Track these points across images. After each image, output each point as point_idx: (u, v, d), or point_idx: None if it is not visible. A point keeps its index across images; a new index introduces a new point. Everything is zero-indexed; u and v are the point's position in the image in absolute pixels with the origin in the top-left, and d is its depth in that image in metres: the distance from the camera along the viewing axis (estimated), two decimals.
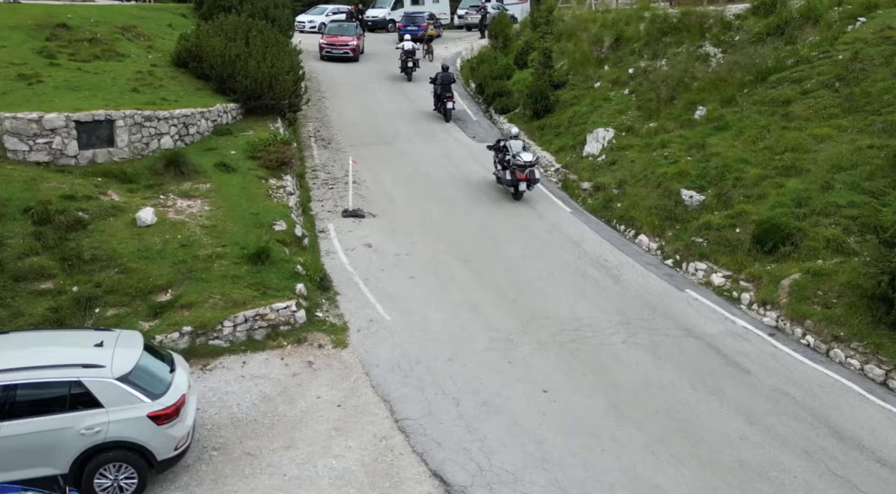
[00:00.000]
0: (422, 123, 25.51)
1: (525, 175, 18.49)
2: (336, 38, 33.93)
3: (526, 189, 18.73)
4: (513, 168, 18.56)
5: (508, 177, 18.61)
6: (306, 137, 23.25)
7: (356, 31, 34.88)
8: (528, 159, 18.55)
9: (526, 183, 18.55)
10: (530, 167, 18.54)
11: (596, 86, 23.78)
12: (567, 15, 29.77)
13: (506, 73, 28.32)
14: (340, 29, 35.29)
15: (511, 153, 18.71)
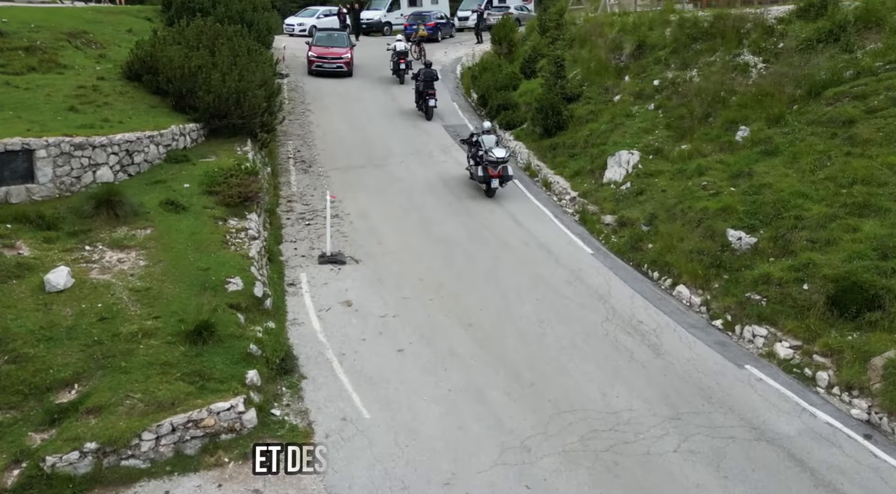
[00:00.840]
0: (417, 140, 22.47)
1: (498, 171, 17.58)
2: (327, 49, 29.51)
3: (499, 186, 17.86)
4: (485, 164, 17.66)
5: (480, 173, 17.78)
6: (284, 159, 20.20)
7: (349, 40, 30.93)
8: (500, 155, 17.56)
9: (499, 180, 17.70)
10: (503, 163, 17.59)
11: (615, 100, 20.74)
12: (579, 18, 26.73)
13: (511, 83, 25.29)
14: (331, 39, 30.69)
15: (483, 148, 17.78)
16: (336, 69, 28.94)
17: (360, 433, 9.52)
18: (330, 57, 28.93)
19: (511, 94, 24.61)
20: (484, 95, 25.38)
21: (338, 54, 29.14)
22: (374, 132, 23.02)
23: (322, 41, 30.41)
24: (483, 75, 26.54)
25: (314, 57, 29.03)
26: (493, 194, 18.01)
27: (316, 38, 30.87)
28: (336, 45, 29.81)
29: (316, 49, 29.50)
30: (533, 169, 20.34)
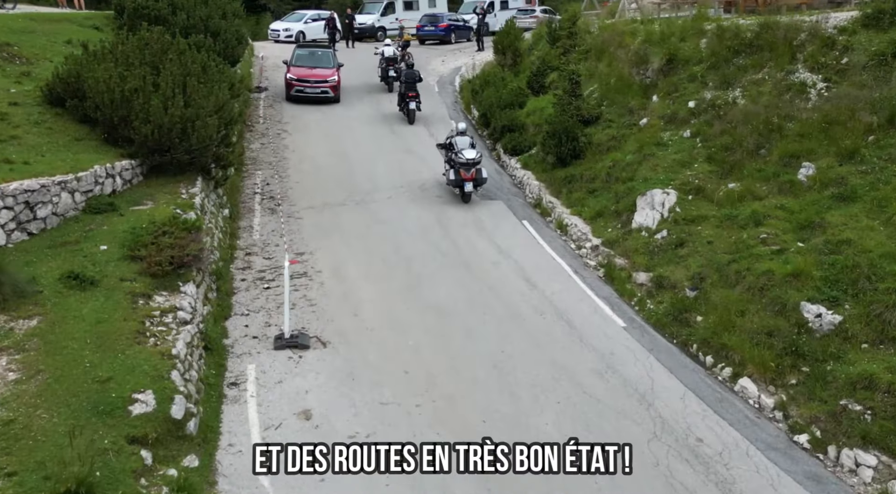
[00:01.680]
0: (408, 168, 19.20)
1: (471, 174, 16.53)
2: (309, 71, 24.65)
3: (472, 190, 16.78)
4: (457, 167, 16.59)
5: (453, 176, 16.72)
6: (249, 195, 16.91)
7: (335, 59, 25.62)
8: (471, 156, 16.51)
9: (472, 183, 16.61)
10: (475, 165, 16.56)
11: (642, 124, 17.45)
12: (594, 25, 23.46)
13: (517, 100, 22.02)
14: (314, 58, 25.40)
15: (456, 150, 16.80)
16: (320, 95, 24.30)
17: None
18: (313, 80, 24.18)
19: (517, 114, 21.34)
20: (486, 114, 22.10)
21: (322, 76, 24.39)
22: (359, 158, 19.74)
23: (303, 60, 25.24)
24: (485, 90, 23.26)
25: (293, 79, 24.27)
26: (468, 199, 16.83)
27: (295, 57, 25.36)
28: (320, 65, 24.96)
29: (296, 70, 24.61)
30: (545, 206, 17.05)
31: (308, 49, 26.32)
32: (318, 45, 27.52)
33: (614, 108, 18.76)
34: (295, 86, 24.21)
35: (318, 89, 24.20)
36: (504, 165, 20.16)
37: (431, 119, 23.09)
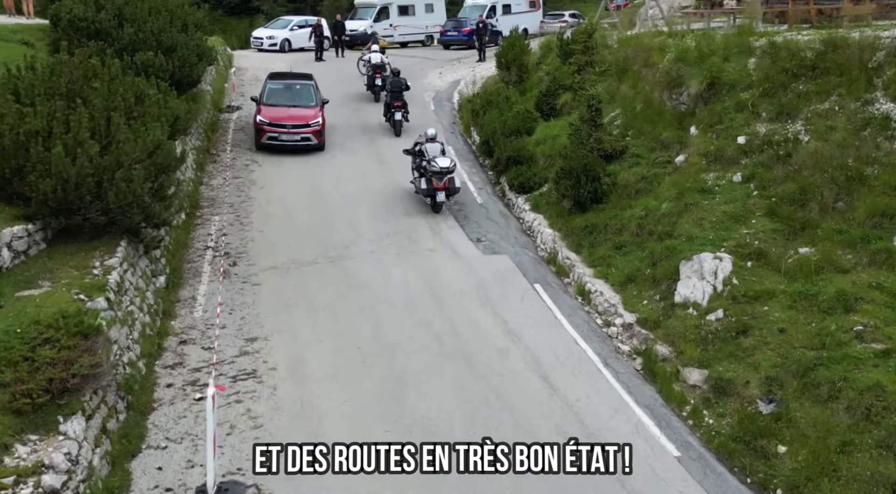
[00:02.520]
0: (397, 211, 16.02)
1: (443, 184, 15.51)
2: (286, 112, 19.15)
3: (444, 199, 15.74)
4: (429, 175, 15.52)
5: (424, 185, 15.67)
6: (198, 252, 13.71)
7: (318, 95, 20.19)
8: (444, 165, 15.47)
9: (444, 192, 15.61)
10: (448, 174, 15.48)
11: (678, 162, 14.27)
12: (612, 37, 20.28)
13: (524, 125, 18.82)
14: (291, 94, 20.02)
15: (427, 157, 15.71)
16: (299, 143, 18.97)
17: None
18: (290, 124, 18.93)
19: (524, 142, 18.15)
20: (488, 142, 18.90)
21: (302, 118, 19.08)
22: (339, 197, 16.57)
23: (277, 97, 19.71)
24: (487, 112, 20.06)
25: (265, 123, 18.95)
26: (439, 209, 15.76)
27: (267, 93, 19.77)
28: (300, 103, 19.63)
29: (268, 111, 19.09)
30: (561, 263, 13.86)
31: (283, 82, 20.83)
32: (296, 76, 21.76)
33: (642, 141, 15.58)
34: (267, 133, 18.93)
35: (297, 136, 18.98)
36: (510, 205, 16.97)
37: None
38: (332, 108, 22.07)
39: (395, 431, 9.02)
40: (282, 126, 18.92)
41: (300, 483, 7.88)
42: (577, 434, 9.04)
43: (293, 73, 22.46)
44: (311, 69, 29.47)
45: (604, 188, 14.54)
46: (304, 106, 19.61)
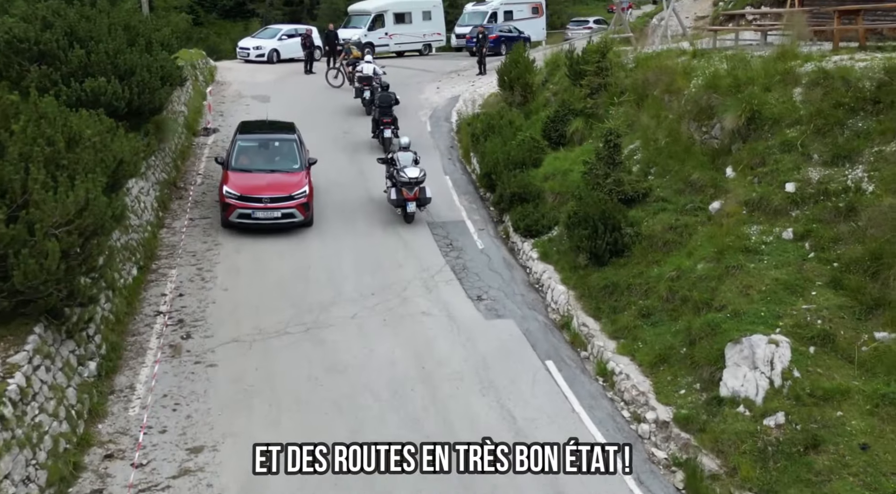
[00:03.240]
0: (385, 261, 13.85)
1: (413, 194, 15.10)
2: (261, 180, 14.67)
3: (416, 209, 15.35)
4: (399, 185, 15.04)
5: (394, 195, 15.22)
6: (146, 319, 11.51)
7: (302, 155, 15.67)
8: (413, 175, 15.06)
9: (415, 202, 15.20)
10: (418, 184, 15.06)
11: (713, 210, 12.08)
12: (627, 56, 18.11)
13: (530, 155, 16.64)
14: (268, 153, 15.62)
15: (398, 167, 15.27)
16: (280, 222, 14.47)
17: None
18: (266, 197, 14.24)
19: (531, 176, 15.97)
20: (490, 174, 16.71)
21: (283, 188, 14.45)
22: (319, 245, 14.40)
23: (250, 159, 15.24)
24: (489, 139, 17.89)
25: (234, 196, 14.28)
26: (410, 219, 15.32)
27: (237, 153, 15.23)
28: (280, 167, 15.16)
29: (238, 179, 14.54)
30: (576, 331, 11.67)
31: (257, 137, 15.96)
32: (274, 128, 16.85)
33: (668, 181, 13.40)
34: (236, 209, 14.19)
35: (277, 212, 14.32)
36: (515, 250, 14.80)
37: None
38: (319, 127, 19.96)
39: None
40: (256, 199, 14.28)
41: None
42: None
43: (270, 123, 17.62)
44: (300, 83, 27.51)
45: (625, 241, 12.36)
46: (286, 170, 15.13)
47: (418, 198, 15.09)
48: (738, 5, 24.03)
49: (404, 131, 20.81)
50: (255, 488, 8.09)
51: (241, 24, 55.62)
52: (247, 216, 14.36)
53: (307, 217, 14.72)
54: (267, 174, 14.93)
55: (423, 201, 15.22)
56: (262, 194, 14.36)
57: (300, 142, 16.16)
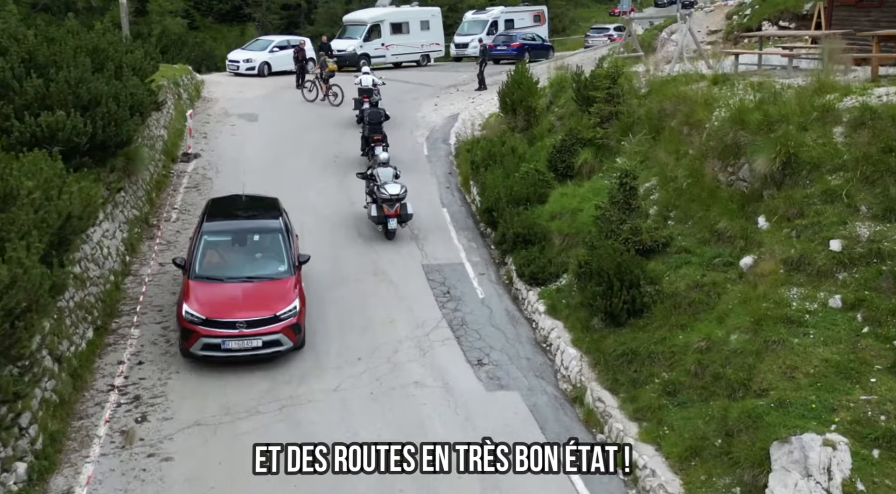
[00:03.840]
0: (375, 317, 12.35)
1: (394, 210, 14.54)
2: (234, 293, 11.01)
3: (397, 226, 14.78)
4: (380, 202, 14.54)
5: (374, 212, 14.72)
6: (98, 395, 9.98)
7: (289, 247, 11.86)
8: (394, 192, 14.51)
9: (396, 219, 14.63)
10: (399, 201, 14.50)
11: (745, 267, 10.56)
12: (640, 79, 16.63)
13: (535, 189, 15.16)
14: (244, 252, 11.84)
15: (378, 182, 14.77)
16: (260, 352, 10.67)
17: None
18: (242, 320, 10.55)
19: (536, 214, 14.51)
20: (491, 210, 15.21)
21: (264, 305, 10.82)
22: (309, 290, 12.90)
23: (219, 260, 11.67)
24: (489, 169, 16.43)
25: (197, 320, 10.54)
26: (392, 236, 14.93)
27: (202, 250, 11.52)
28: (260, 272, 11.44)
29: (202, 294, 10.89)
30: (590, 406, 10.15)
31: (229, 226, 12.26)
32: (253, 207, 13.07)
33: (691, 229, 11.91)
34: (200, 338, 10.48)
35: (257, 340, 10.59)
36: (519, 299, 13.30)
37: (418, 214, 16.19)
38: (308, 150, 18.50)
39: None
40: (228, 325, 10.48)
41: None
42: None
43: (247, 201, 13.24)
44: (291, 99, 25.95)
45: (644, 299, 10.87)
46: (269, 277, 11.30)
47: (399, 214, 14.71)
48: (754, 20, 22.55)
49: (399, 154, 19.47)
50: None
51: (238, 28, 54.25)
52: (215, 347, 10.46)
53: (297, 341, 10.92)
54: (242, 284, 11.07)
55: (404, 218, 14.87)
56: (235, 316, 10.50)
57: (287, 230, 12.18)
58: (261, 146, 20.46)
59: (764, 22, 22.12)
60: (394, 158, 19.61)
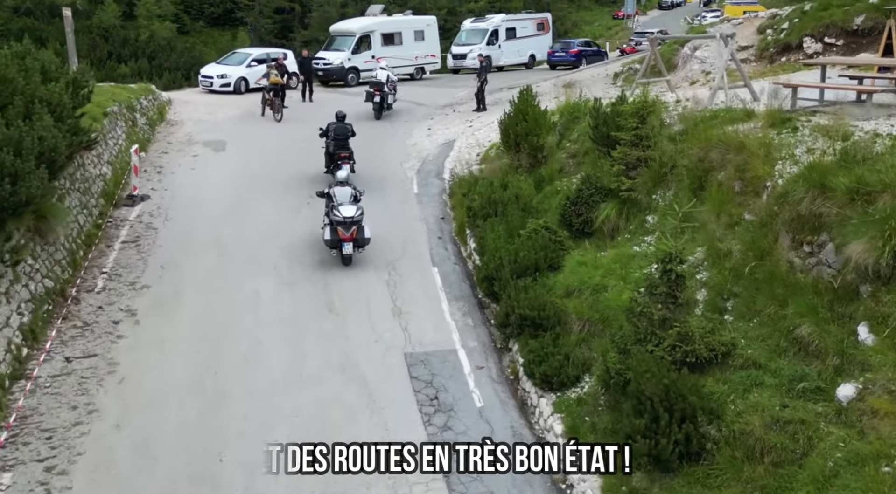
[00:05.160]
0: (339, 438, 9.32)
1: (350, 234, 13.26)
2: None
3: (353, 251, 13.47)
4: (334, 224, 13.11)
5: (328, 235, 13.43)
6: None
7: None
8: (348, 214, 13.26)
9: (352, 243, 13.35)
10: (354, 224, 13.27)
11: (844, 399, 7.51)
12: (670, 112, 13.63)
13: (545, 255, 12.09)
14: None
15: (334, 203, 13.56)
16: None
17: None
18: None
19: (547, 287, 11.49)
20: (491, 278, 12.19)
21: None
22: (247, 409, 9.91)
23: None
24: (489, 223, 13.44)
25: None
26: (348, 261, 13.46)
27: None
28: None
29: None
30: None
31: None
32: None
33: (756, 328, 8.90)
34: None
35: None
36: (528, 407, 10.29)
37: (403, 278, 13.23)
38: (279, 190, 15.60)
39: None
40: None
41: None
42: None
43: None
44: (268, 122, 22.91)
45: (699, 439, 7.87)
46: None
47: (356, 238, 13.45)
48: (794, 35, 19.56)
49: (386, 191, 16.68)
50: None
51: (229, 32, 51.78)
52: None
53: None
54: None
55: (360, 242, 13.66)
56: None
57: None
58: (224, 184, 17.47)
59: (805, 38, 19.17)
60: (380, 196, 16.78)
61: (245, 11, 49.51)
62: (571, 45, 37.42)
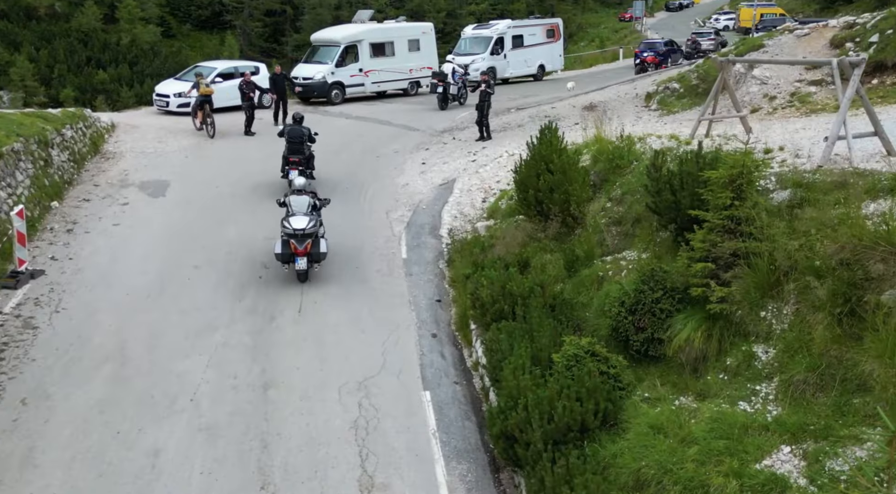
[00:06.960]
0: None
1: (304, 247, 11.90)
2: None
3: (306, 267, 12.11)
4: (284, 237, 11.87)
5: (279, 249, 12.02)
6: None
7: None
8: (299, 226, 11.86)
9: (306, 258, 12.02)
10: (307, 237, 11.86)
11: None
12: (769, 162, 9.36)
13: (592, 400, 7.79)
14: None
15: (288, 213, 12.26)
16: None
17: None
18: None
19: (601, 465, 7.18)
20: (511, 438, 7.91)
21: None
22: None
23: None
24: (504, 330, 9.17)
25: None
26: (304, 278, 12.13)
27: None
28: None
29: None
30: None
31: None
32: None
33: None
34: None
35: None
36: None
37: (379, 381, 9.04)
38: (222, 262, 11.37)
39: None
40: None
41: None
42: None
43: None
44: (226, 150, 18.49)
45: None
46: None
47: (310, 252, 12.11)
48: (890, 52, 15.31)
49: (365, 253, 12.61)
50: None
51: (218, 36, 48.10)
52: None
53: None
54: None
55: (315, 256, 12.33)
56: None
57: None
58: (152, 248, 13.24)
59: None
60: (358, 259, 12.66)
61: (234, 14, 45.70)
62: (658, 46, 36.90)
